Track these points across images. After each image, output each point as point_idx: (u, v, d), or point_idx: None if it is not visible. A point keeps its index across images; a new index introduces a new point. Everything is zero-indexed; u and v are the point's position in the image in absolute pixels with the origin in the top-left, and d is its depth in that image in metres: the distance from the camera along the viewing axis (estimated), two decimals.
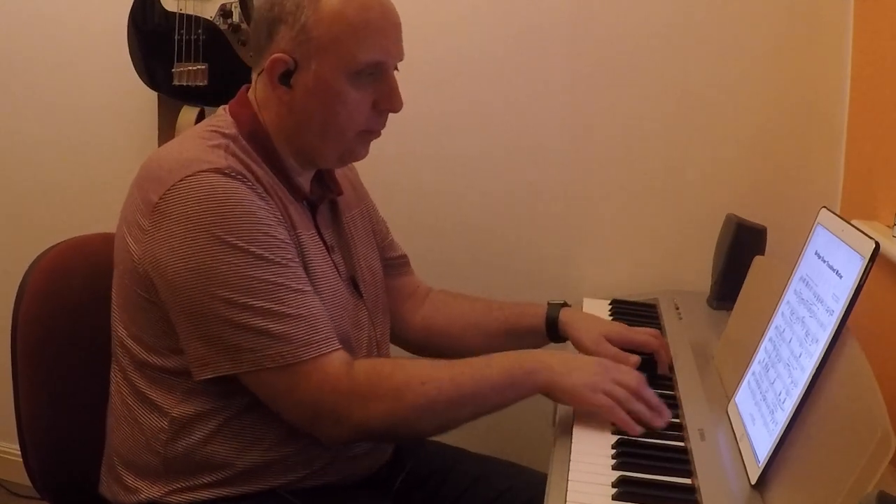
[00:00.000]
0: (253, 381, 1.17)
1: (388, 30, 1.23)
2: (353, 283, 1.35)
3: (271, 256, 1.14)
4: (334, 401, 1.16)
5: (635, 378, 1.22)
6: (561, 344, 1.49)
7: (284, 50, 1.21)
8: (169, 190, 1.14)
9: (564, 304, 1.50)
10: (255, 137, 1.24)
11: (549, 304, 1.50)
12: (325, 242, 1.31)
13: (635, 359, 1.35)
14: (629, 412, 1.18)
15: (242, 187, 1.15)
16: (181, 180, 1.14)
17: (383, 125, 1.29)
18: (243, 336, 1.13)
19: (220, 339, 1.14)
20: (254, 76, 1.28)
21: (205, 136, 1.22)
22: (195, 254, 1.12)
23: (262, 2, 1.24)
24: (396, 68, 1.28)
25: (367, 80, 1.22)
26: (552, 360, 1.22)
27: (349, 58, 1.20)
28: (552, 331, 1.48)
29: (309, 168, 1.31)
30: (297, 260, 1.20)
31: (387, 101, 1.25)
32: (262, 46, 1.24)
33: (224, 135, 1.22)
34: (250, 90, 1.30)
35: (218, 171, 1.15)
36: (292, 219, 1.23)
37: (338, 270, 1.31)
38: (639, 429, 1.17)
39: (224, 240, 1.12)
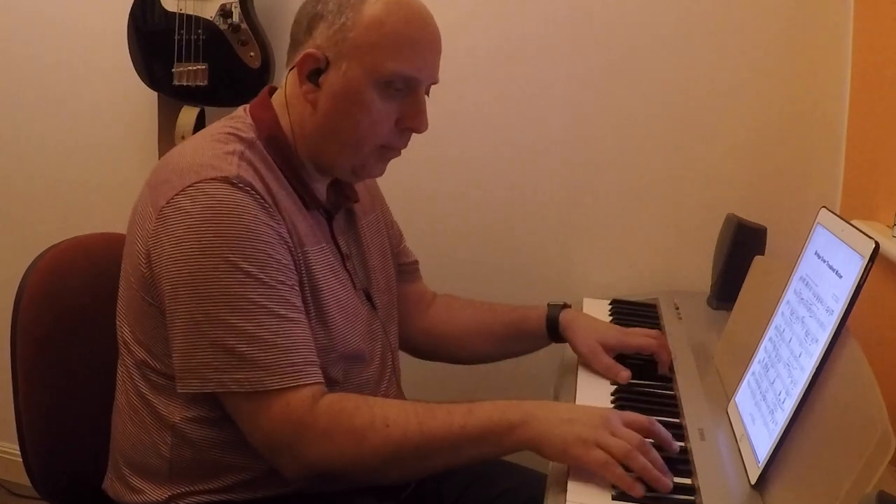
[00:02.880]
0: (223, 400, 1.15)
1: (425, 48, 1.22)
2: (367, 295, 1.35)
3: (263, 276, 1.12)
4: (290, 435, 1.11)
5: (636, 436, 1.06)
6: (562, 345, 1.49)
7: (319, 47, 1.20)
8: (176, 195, 1.13)
9: (565, 306, 1.50)
10: (274, 143, 1.23)
11: (549, 305, 1.50)
12: (340, 251, 1.30)
13: (626, 374, 1.35)
14: (632, 469, 1.03)
15: (249, 200, 1.13)
16: (189, 186, 1.12)
17: (404, 144, 1.26)
18: (215, 354, 1.11)
19: (194, 353, 1.12)
20: (285, 73, 1.27)
21: (221, 139, 1.20)
22: (187, 262, 1.11)
23: None
24: (427, 92, 1.26)
25: (395, 94, 1.21)
26: (541, 412, 1.09)
27: (380, 65, 1.18)
28: (553, 332, 1.48)
29: (324, 175, 1.29)
30: (292, 283, 1.16)
31: (411, 119, 1.23)
32: (300, 41, 1.23)
33: (241, 139, 1.21)
34: (278, 90, 1.28)
35: (226, 179, 1.13)
36: (300, 234, 1.21)
37: (352, 280, 1.31)
38: (641, 489, 1.01)
39: (219, 252, 1.10)
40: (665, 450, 1.09)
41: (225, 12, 1.90)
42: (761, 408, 1.10)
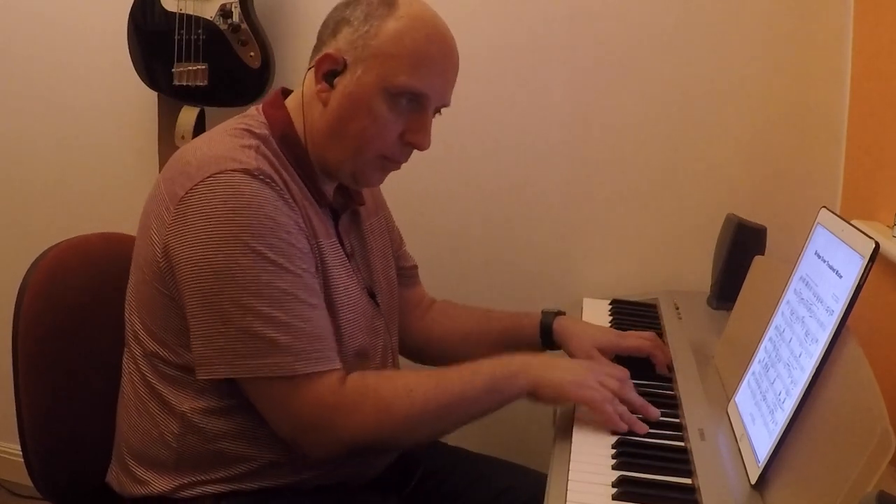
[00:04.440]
0: (247, 387, 1.17)
1: (440, 69, 1.24)
2: (370, 293, 1.36)
3: (287, 265, 1.14)
4: (323, 416, 1.15)
5: (618, 380, 1.23)
6: (556, 352, 1.49)
7: (339, 49, 1.22)
8: (196, 185, 1.14)
9: (559, 313, 1.50)
10: (287, 141, 1.24)
11: (543, 312, 1.50)
12: (344, 249, 1.31)
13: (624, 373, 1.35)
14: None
15: (269, 190, 1.15)
16: (209, 177, 1.14)
17: (405, 159, 1.29)
18: (244, 341, 1.13)
19: (221, 340, 1.13)
20: (306, 72, 1.28)
21: (236, 134, 1.22)
22: (212, 251, 1.12)
23: (342, 2, 1.26)
24: (439, 112, 1.28)
25: (404, 106, 1.22)
26: (535, 361, 1.23)
27: (392, 76, 1.20)
28: (546, 339, 1.49)
29: (329, 179, 1.30)
30: (314, 271, 1.19)
31: (413, 134, 1.24)
32: (323, 42, 1.25)
33: (255, 135, 1.22)
34: (295, 91, 1.30)
35: (246, 171, 1.14)
36: (314, 227, 1.23)
37: (356, 277, 1.32)
38: (623, 426, 1.18)
39: (243, 241, 1.12)
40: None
41: (225, 12, 1.90)
42: (761, 408, 1.11)
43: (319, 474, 1.25)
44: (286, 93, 1.32)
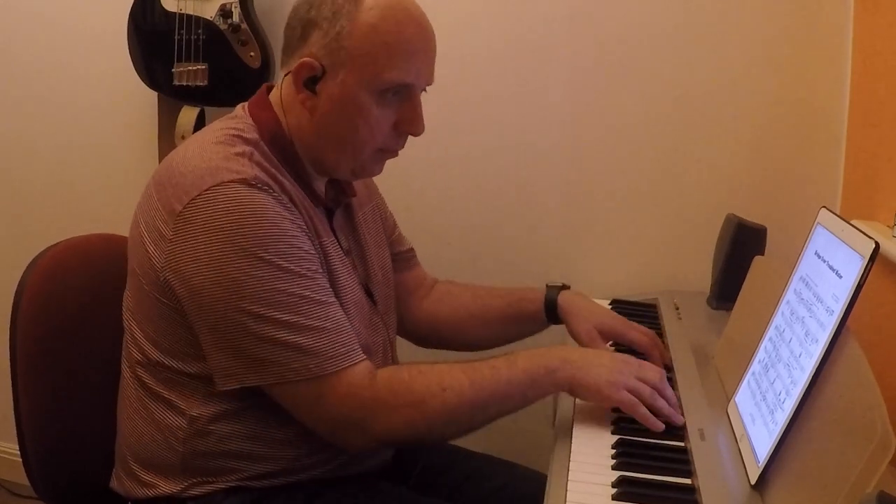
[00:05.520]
0: (278, 392, 1.17)
1: (420, 52, 1.22)
2: (367, 290, 1.36)
3: (296, 269, 1.14)
4: (358, 412, 1.15)
5: (658, 374, 1.23)
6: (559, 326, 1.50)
7: (314, 55, 1.20)
8: (194, 199, 1.12)
9: (564, 287, 1.50)
10: (277, 143, 1.23)
11: (547, 286, 1.50)
12: (342, 247, 1.31)
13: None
14: (651, 408, 1.18)
15: (269, 198, 1.14)
16: (207, 190, 1.12)
17: (402, 146, 1.28)
18: (269, 349, 1.12)
19: (245, 351, 1.13)
20: (280, 75, 1.27)
21: (226, 140, 1.20)
22: (221, 266, 1.11)
23: (301, 2, 1.23)
24: (424, 90, 1.27)
25: (391, 98, 1.21)
26: (574, 357, 1.21)
27: (377, 75, 1.19)
28: (551, 315, 1.49)
29: (323, 175, 1.30)
30: (322, 270, 1.19)
31: (408, 123, 1.24)
32: (294, 47, 1.23)
33: (246, 140, 1.21)
34: (274, 90, 1.29)
35: (244, 181, 1.13)
36: (316, 227, 1.23)
37: (354, 275, 1.32)
38: (661, 425, 1.17)
39: (250, 252, 1.11)
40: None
41: (225, 12, 1.90)
42: (761, 408, 1.10)
43: (329, 471, 1.26)
44: (271, 90, 1.30)
